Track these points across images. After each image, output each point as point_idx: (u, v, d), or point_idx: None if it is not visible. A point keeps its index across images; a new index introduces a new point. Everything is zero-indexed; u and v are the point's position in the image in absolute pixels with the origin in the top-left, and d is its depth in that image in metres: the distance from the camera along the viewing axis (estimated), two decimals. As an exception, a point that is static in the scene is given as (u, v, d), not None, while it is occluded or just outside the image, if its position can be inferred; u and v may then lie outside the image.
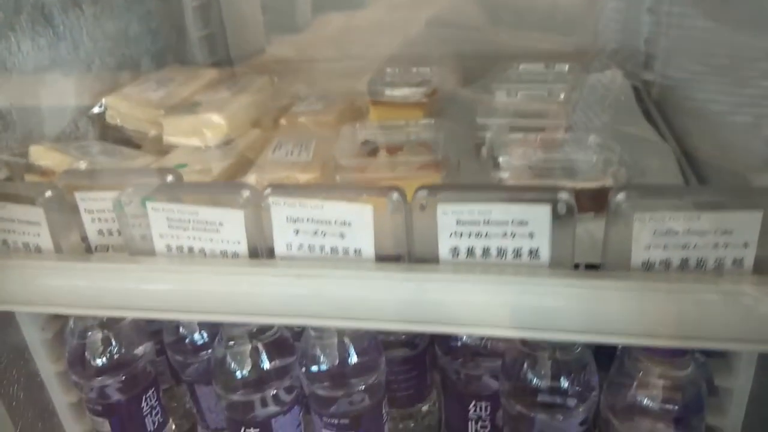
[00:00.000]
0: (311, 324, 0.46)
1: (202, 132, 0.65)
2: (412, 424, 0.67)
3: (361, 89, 0.70)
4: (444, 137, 0.58)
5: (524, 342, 0.51)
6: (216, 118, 0.65)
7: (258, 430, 0.58)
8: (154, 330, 0.65)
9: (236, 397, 0.56)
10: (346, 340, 0.55)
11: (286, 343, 0.58)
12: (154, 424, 0.64)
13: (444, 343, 0.59)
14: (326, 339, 0.55)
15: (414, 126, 0.61)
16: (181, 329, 0.63)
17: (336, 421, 0.57)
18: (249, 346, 0.56)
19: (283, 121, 0.71)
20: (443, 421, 0.64)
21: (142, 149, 0.69)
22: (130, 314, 0.49)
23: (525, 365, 0.51)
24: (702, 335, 0.40)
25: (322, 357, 0.55)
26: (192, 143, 0.65)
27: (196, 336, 0.63)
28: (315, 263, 0.46)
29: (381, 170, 0.55)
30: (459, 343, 0.57)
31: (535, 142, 0.55)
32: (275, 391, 0.57)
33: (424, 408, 0.67)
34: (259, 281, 0.46)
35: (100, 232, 0.53)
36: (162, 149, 0.67)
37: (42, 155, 0.62)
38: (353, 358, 0.55)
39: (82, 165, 0.57)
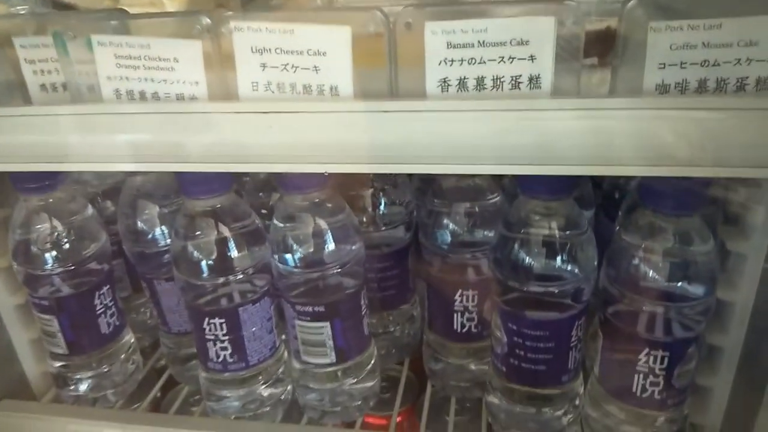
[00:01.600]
0: (281, 169, 0.41)
1: (162, 3, 0.58)
2: (393, 328, 0.62)
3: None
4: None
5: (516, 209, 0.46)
6: (177, -9, 0.59)
7: (223, 320, 0.52)
8: (110, 219, 0.59)
9: (200, 283, 0.51)
10: (321, 221, 0.50)
11: (252, 221, 0.52)
12: (109, 326, 0.58)
13: (430, 230, 0.54)
14: (299, 214, 0.50)
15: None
16: (139, 223, 0.57)
17: (310, 309, 0.51)
18: (212, 222, 0.50)
19: None
20: (427, 320, 0.59)
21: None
22: (76, 167, 0.43)
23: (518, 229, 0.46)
24: (722, 162, 0.35)
25: (295, 235, 0.50)
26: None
27: (156, 229, 0.57)
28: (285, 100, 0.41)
29: None
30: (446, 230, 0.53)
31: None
32: (242, 276, 0.51)
33: (406, 308, 0.62)
34: (219, 121, 0.40)
35: (43, 87, 0.47)
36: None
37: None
38: (329, 237, 0.50)
39: (22, 10, 0.51)
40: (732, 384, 0.49)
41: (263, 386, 0.56)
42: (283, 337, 0.58)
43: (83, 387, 0.59)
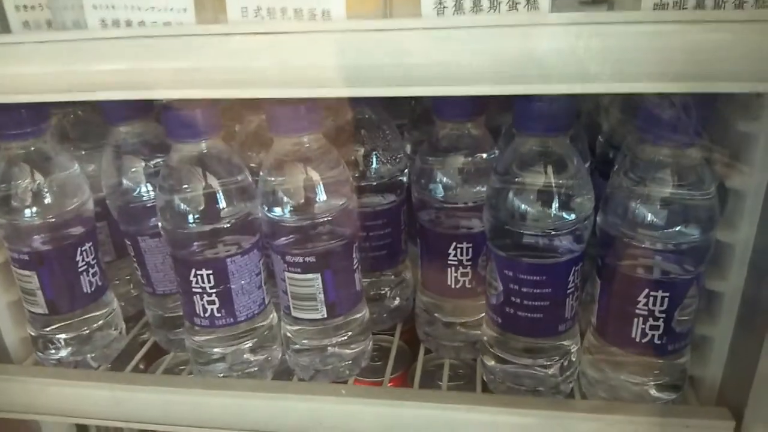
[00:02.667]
0: (271, 94, 0.39)
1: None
2: (384, 290, 0.61)
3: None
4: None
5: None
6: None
7: (211, 272, 0.50)
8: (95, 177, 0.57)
9: (186, 231, 0.49)
10: (311, 167, 0.49)
11: (240, 168, 0.51)
12: (91, 285, 0.56)
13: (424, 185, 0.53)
14: (289, 160, 0.49)
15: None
16: (124, 178, 0.56)
17: (301, 260, 0.50)
18: (199, 168, 0.49)
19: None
20: (420, 279, 0.58)
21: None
22: (58, 97, 0.41)
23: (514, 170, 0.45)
24: (723, 75, 0.34)
25: (284, 181, 0.49)
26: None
27: (141, 184, 0.56)
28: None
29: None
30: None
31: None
32: (229, 224, 0.50)
33: (397, 270, 0.61)
34: (208, 44, 0.39)
35: (26, 24, 0.46)
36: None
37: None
38: (318, 182, 0.49)
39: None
40: (732, 332, 0.48)
41: (251, 345, 0.54)
42: (273, 300, 0.56)
43: (63, 352, 0.57)
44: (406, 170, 0.57)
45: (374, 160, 0.56)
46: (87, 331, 0.57)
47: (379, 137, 0.56)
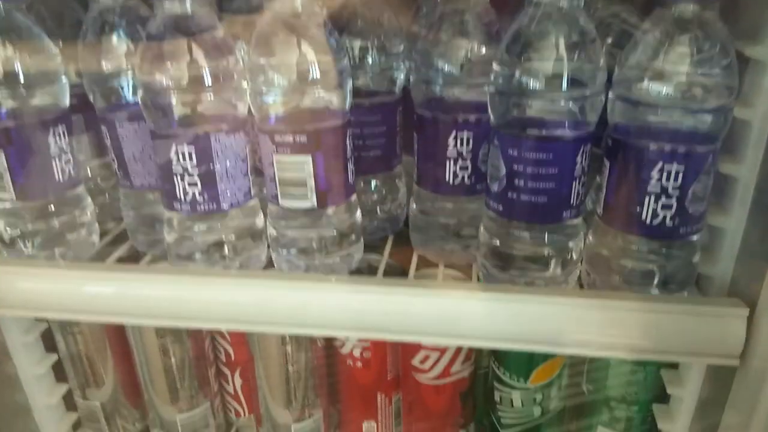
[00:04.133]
0: None
1: None
2: (376, 195, 0.58)
3: None
4: None
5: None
6: None
7: (193, 148, 0.47)
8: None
9: (166, 100, 0.46)
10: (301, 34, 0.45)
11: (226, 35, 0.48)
12: (63, 174, 0.53)
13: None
14: (278, 29, 0.46)
15: None
16: (103, 62, 0.52)
17: (291, 139, 0.47)
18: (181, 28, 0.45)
19: None
20: (416, 177, 0.55)
21: None
22: None
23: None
24: None
25: (274, 49, 0.46)
26: None
27: (121, 60, 0.52)
28: None
29: None
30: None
31: None
32: (212, 92, 0.46)
33: (391, 174, 0.58)
34: None
35: None
36: None
37: None
38: (309, 51, 0.46)
39: None
40: (746, 223, 0.45)
41: (234, 239, 0.51)
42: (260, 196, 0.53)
43: (31, 246, 0.53)
44: (403, 64, 0.54)
45: (371, 48, 0.53)
46: (58, 226, 0.54)
47: (377, 25, 0.53)
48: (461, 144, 0.50)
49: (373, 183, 0.57)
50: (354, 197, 0.52)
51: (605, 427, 0.60)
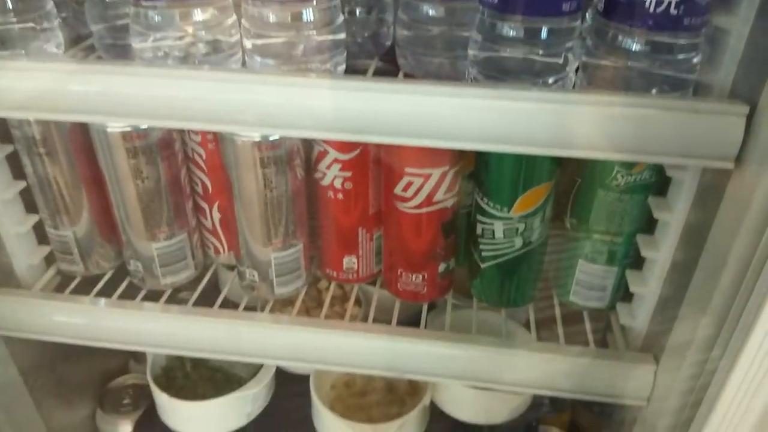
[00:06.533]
0: None
1: None
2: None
3: None
4: None
5: None
6: None
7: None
8: None
9: None
10: None
11: None
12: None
13: None
14: None
15: None
16: None
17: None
18: None
19: None
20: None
21: None
22: None
23: None
24: None
25: None
26: None
27: None
28: None
29: None
30: None
31: None
32: None
33: None
34: None
35: None
36: None
37: None
38: None
39: None
40: (752, 23, 0.43)
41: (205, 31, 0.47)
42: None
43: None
44: None
45: None
46: (17, 27, 0.50)
47: None
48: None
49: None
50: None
51: (586, 261, 0.60)
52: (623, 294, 0.61)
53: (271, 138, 0.53)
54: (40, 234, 0.66)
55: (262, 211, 0.58)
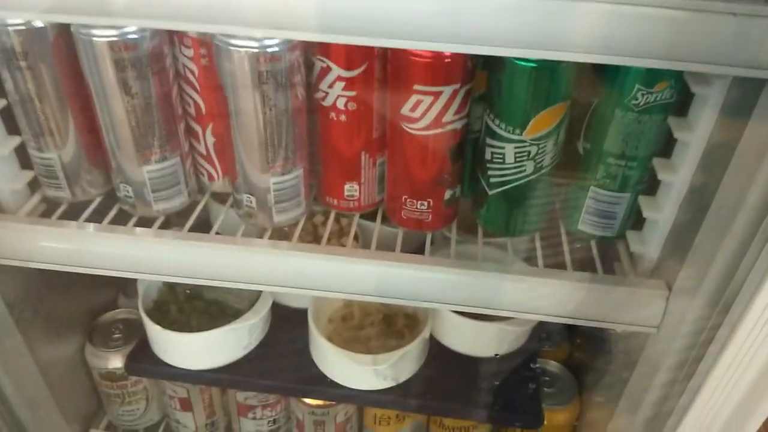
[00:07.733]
0: None
1: None
2: None
3: None
4: None
5: None
6: None
7: None
8: None
9: None
10: None
11: None
12: None
13: None
14: None
15: None
16: None
17: None
18: None
19: None
20: None
21: None
22: None
23: None
24: None
25: None
26: None
27: None
28: None
29: None
30: None
31: None
32: None
33: None
34: None
35: None
36: None
37: None
38: None
39: None
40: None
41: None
42: None
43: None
44: None
45: None
46: None
47: None
48: None
49: None
50: None
51: (598, 187, 0.58)
52: (633, 223, 0.59)
53: (270, 49, 0.50)
54: (23, 158, 0.62)
55: (260, 132, 0.55)
